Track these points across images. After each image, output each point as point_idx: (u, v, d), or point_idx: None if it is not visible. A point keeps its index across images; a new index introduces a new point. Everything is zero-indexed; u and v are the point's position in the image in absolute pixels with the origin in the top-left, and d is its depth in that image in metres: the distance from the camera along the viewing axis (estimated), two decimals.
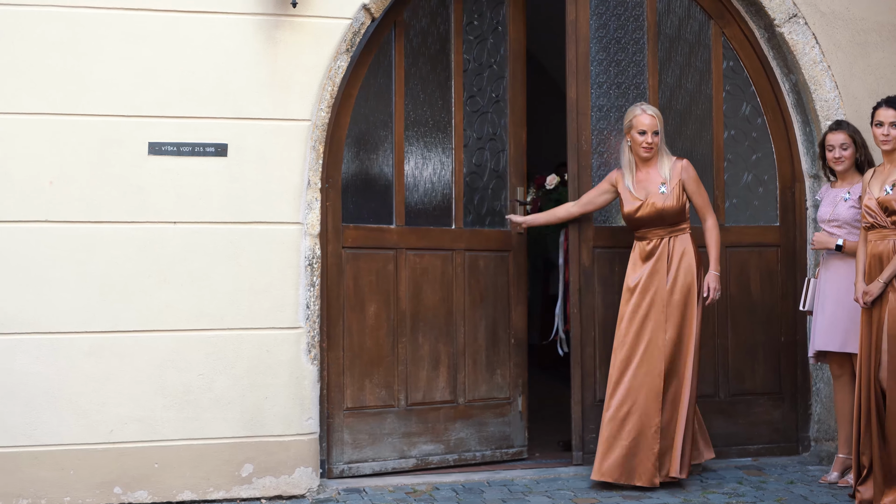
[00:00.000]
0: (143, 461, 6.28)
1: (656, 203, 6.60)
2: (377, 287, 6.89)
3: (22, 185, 6.14)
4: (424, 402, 7.03)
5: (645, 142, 6.60)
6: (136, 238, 6.28)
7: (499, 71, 7.30)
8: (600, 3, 7.16)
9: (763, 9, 7.14)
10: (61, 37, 6.20)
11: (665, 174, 6.64)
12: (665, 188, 6.61)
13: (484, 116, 7.29)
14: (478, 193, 7.26)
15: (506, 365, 7.29)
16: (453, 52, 7.15)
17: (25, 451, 6.15)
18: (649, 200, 6.61)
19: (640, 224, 6.67)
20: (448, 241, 7.09)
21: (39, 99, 6.17)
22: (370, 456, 6.87)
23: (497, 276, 7.25)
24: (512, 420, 7.30)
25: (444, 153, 7.17)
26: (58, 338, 6.19)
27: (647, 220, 6.64)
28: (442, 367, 7.08)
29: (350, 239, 6.79)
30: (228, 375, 6.38)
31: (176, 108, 6.34)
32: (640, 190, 6.67)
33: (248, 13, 6.42)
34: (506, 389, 7.28)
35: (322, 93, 6.50)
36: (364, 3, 6.56)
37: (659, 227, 6.64)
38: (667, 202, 6.59)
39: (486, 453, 7.21)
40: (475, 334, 7.17)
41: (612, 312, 7.03)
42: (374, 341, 6.89)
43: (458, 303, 7.11)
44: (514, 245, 7.30)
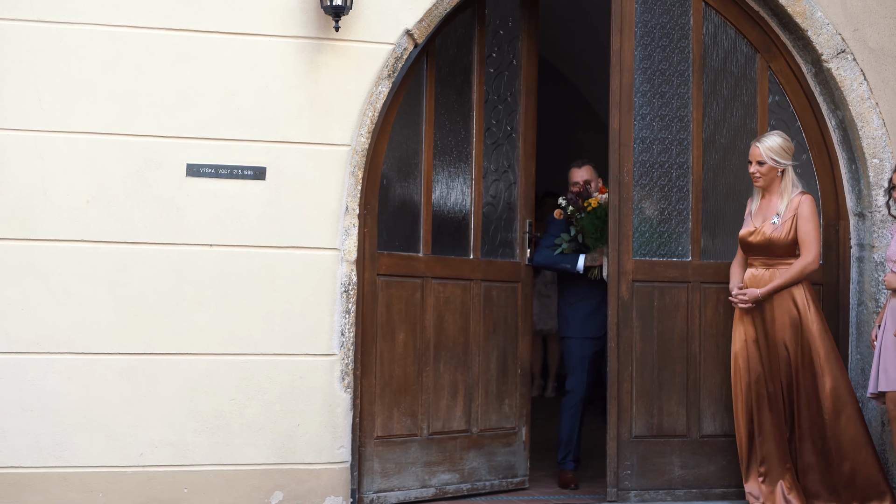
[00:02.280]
0: (173, 486, 6.25)
1: (766, 232, 6.64)
2: (406, 315, 6.87)
3: (60, 203, 6.15)
4: (444, 430, 7.03)
5: (750, 171, 6.71)
6: (171, 259, 6.27)
7: (513, 104, 7.38)
8: (645, 33, 7.11)
9: (811, 43, 7.06)
10: (106, 56, 6.22)
11: (781, 206, 6.66)
12: (777, 220, 6.64)
13: (499, 149, 7.36)
14: (493, 224, 7.32)
15: (513, 395, 7.34)
16: (475, 83, 7.20)
17: (55, 471, 6.13)
18: (762, 228, 6.66)
19: (751, 250, 6.73)
20: (467, 271, 7.12)
21: (82, 118, 6.19)
22: (396, 485, 6.83)
23: (507, 306, 7.31)
24: (517, 450, 7.36)
25: (464, 183, 7.20)
26: (91, 358, 6.18)
27: (757, 248, 6.68)
28: (459, 397, 7.09)
29: (384, 266, 6.76)
30: (261, 401, 6.34)
31: (215, 130, 6.33)
32: (758, 216, 6.75)
33: (290, 36, 6.41)
34: (512, 419, 7.34)
35: (363, 118, 6.48)
36: (407, 28, 6.53)
37: (767, 257, 6.66)
38: (775, 233, 6.62)
39: (495, 483, 7.25)
40: (488, 364, 7.21)
41: (650, 346, 6.98)
42: (402, 370, 6.86)
43: (475, 332, 7.15)
44: (523, 277, 7.42)
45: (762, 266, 6.68)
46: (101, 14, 6.19)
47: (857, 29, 7.08)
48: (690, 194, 7.13)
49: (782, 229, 6.62)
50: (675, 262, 7.10)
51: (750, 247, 6.72)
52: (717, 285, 7.03)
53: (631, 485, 6.93)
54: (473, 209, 7.17)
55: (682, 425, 7.05)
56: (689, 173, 7.13)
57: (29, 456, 6.10)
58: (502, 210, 7.36)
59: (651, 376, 7.02)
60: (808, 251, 6.62)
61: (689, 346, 7.07)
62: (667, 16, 7.13)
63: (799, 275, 6.60)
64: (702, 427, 7.06)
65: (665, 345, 7.05)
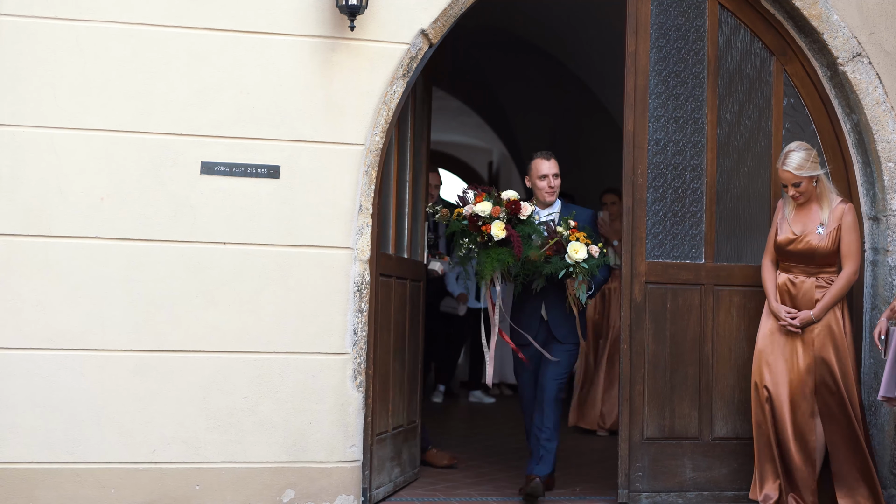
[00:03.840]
0: (185, 482, 6.26)
1: (811, 241, 6.63)
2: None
3: (75, 200, 6.18)
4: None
5: (790, 195, 6.69)
6: (185, 257, 6.29)
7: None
8: (661, 35, 7.10)
9: (826, 47, 7.04)
10: (122, 54, 6.25)
11: (824, 216, 6.66)
12: (822, 230, 6.63)
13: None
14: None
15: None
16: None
17: (67, 467, 6.16)
18: (805, 237, 6.64)
19: (789, 257, 6.70)
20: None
21: (98, 115, 6.22)
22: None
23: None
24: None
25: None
26: (104, 355, 6.20)
27: (798, 255, 6.67)
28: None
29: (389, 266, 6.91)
30: (273, 399, 6.35)
31: (230, 129, 6.35)
32: (797, 223, 6.71)
33: (305, 35, 6.42)
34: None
35: (377, 118, 6.48)
36: (423, 28, 6.54)
37: (809, 265, 6.66)
38: (821, 243, 6.62)
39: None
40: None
41: (662, 348, 6.98)
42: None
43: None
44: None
45: (802, 273, 6.67)
46: (118, 12, 6.22)
47: (873, 32, 7.06)
48: (704, 196, 7.11)
49: (827, 240, 6.61)
50: (688, 264, 7.07)
51: (789, 254, 6.68)
52: (730, 288, 7.02)
53: (642, 486, 6.92)
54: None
55: (694, 428, 7.03)
56: (703, 175, 7.11)
57: (42, 451, 6.12)
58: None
59: (663, 378, 7.00)
60: (852, 263, 6.63)
61: (702, 348, 7.05)
62: (682, 18, 7.12)
63: (846, 287, 6.61)
64: (714, 430, 7.04)
65: (677, 347, 7.03)
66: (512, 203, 6.92)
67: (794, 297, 6.66)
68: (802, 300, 6.64)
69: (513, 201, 6.92)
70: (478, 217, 6.84)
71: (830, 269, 6.65)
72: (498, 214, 6.84)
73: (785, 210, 6.77)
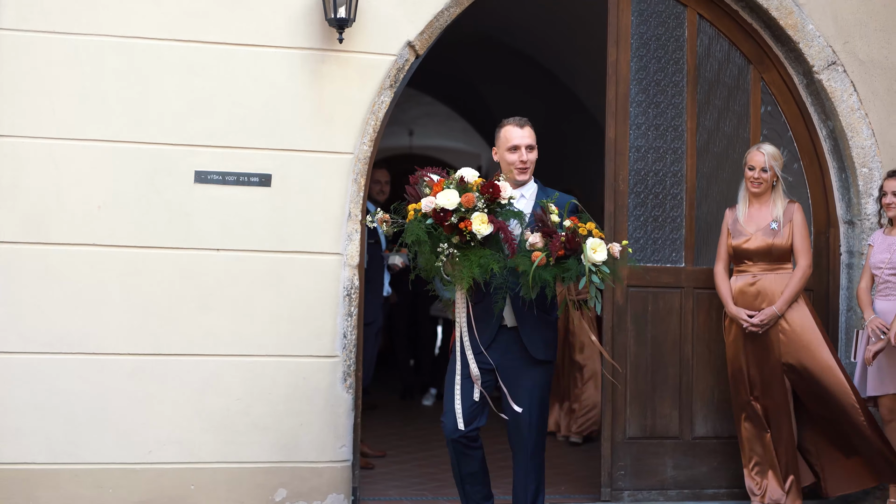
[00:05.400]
0: (180, 482, 6.40)
1: (766, 238, 6.78)
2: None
3: (73, 209, 6.32)
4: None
5: (752, 177, 6.80)
6: (180, 263, 6.43)
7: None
8: (641, 45, 7.26)
9: (802, 55, 7.21)
10: (118, 67, 6.39)
11: (777, 213, 6.81)
12: (776, 225, 6.78)
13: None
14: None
15: None
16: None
17: (66, 468, 6.29)
18: (759, 235, 6.79)
19: (747, 256, 6.83)
20: None
21: (95, 125, 6.36)
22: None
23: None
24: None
25: None
26: (102, 358, 6.34)
27: (756, 254, 6.80)
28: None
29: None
30: (265, 401, 6.50)
31: (223, 138, 6.49)
32: (750, 223, 6.85)
33: (295, 47, 6.57)
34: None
35: (365, 127, 6.63)
36: (409, 40, 6.70)
37: (767, 262, 6.80)
38: (777, 239, 6.76)
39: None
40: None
41: (643, 350, 7.13)
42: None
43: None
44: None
45: (761, 271, 6.79)
46: (114, 26, 6.37)
47: (847, 41, 7.24)
48: (684, 202, 7.28)
49: (783, 236, 6.76)
50: (668, 267, 7.24)
51: (747, 254, 6.82)
52: (709, 291, 7.15)
53: (625, 485, 7.08)
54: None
55: (675, 427, 7.19)
56: (683, 181, 7.28)
57: (41, 453, 6.26)
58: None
59: (645, 379, 7.16)
60: (805, 257, 6.78)
61: (682, 349, 7.22)
62: (662, 28, 7.29)
63: (804, 280, 6.75)
64: (694, 429, 7.20)
65: (658, 348, 7.19)
66: (489, 186, 5.22)
67: (757, 295, 6.77)
68: (767, 296, 6.75)
69: (489, 183, 5.23)
70: (446, 212, 5.16)
71: (787, 265, 6.80)
72: (473, 204, 5.18)
73: (738, 212, 6.90)
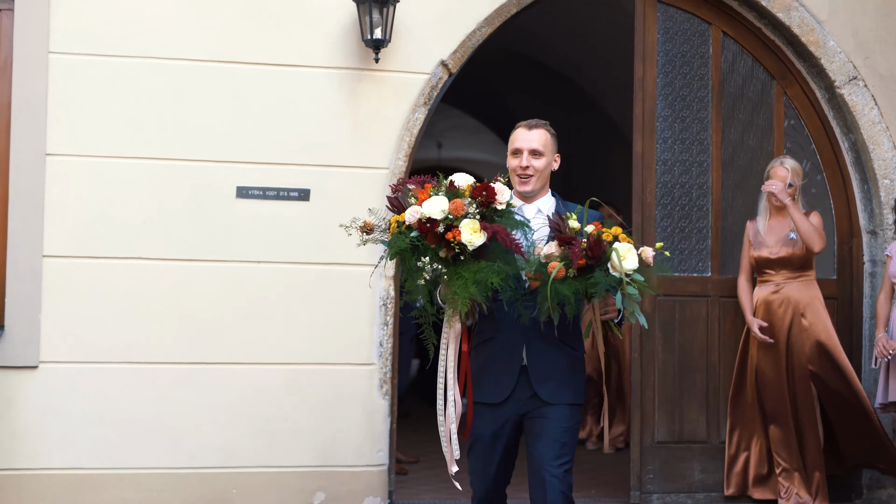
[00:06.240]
0: (223, 486, 6.61)
1: (786, 248, 6.97)
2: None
3: (121, 224, 6.55)
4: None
5: (776, 190, 6.94)
6: (223, 276, 6.65)
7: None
8: (667, 62, 7.44)
9: (824, 71, 7.38)
10: (163, 87, 6.63)
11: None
12: (794, 235, 6.96)
13: None
14: None
15: None
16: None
17: (113, 473, 6.52)
18: (779, 245, 6.98)
19: (770, 266, 7.02)
20: None
21: (140, 144, 6.59)
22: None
23: None
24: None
25: None
26: (148, 367, 6.57)
27: (778, 263, 6.99)
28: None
29: None
30: (304, 407, 6.70)
31: (263, 155, 6.71)
32: (771, 235, 7.04)
33: (333, 67, 6.79)
34: None
35: (400, 143, 6.85)
36: (442, 59, 6.91)
37: (789, 270, 6.98)
38: (795, 248, 6.95)
39: None
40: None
41: (671, 357, 7.30)
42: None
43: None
44: None
45: (784, 279, 6.97)
46: (160, 49, 6.62)
47: (867, 57, 7.40)
48: (710, 213, 7.45)
49: (802, 243, 6.93)
50: (695, 277, 7.40)
51: (768, 263, 7.00)
52: (735, 299, 7.28)
53: (653, 488, 7.25)
54: None
55: (703, 432, 7.34)
56: (708, 193, 7.45)
57: (89, 458, 6.49)
58: None
59: (672, 385, 7.32)
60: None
61: (709, 356, 7.37)
62: (687, 45, 7.47)
63: (813, 229, 6.85)
64: (721, 433, 7.34)
65: (686, 355, 7.35)
66: (482, 188, 4.41)
67: (781, 304, 6.96)
68: (791, 303, 6.94)
69: (483, 185, 4.43)
70: (432, 222, 4.37)
71: (809, 272, 7.00)
72: (462, 211, 4.36)
73: (759, 224, 7.09)
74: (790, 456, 6.94)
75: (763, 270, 7.04)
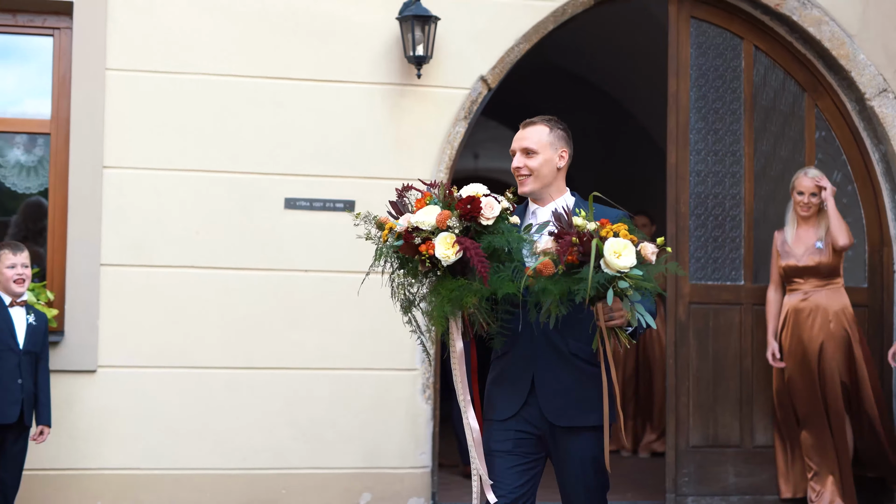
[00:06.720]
0: (272, 487, 6.83)
1: (814, 257, 7.13)
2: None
3: (174, 233, 6.80)
4: None
5: (801, 202, 7.17)
6: (271, 283, 6.88)
7: None
8: (700, 75, 7.62)
9: (854, 83, 7.53)
10: (213, 102, 6.88)
11: (821, 232, 7.16)
12: (821, 244, 7.13)
13: None
14: None
15: None
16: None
17: (167, 473, 6.75)
18: (809, 255, 7.14)
19: (799, 275, 7.17)
20: None
21: (193, 157, 6.85)
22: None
23: None
24: None
25: None
26: (200, 372, 6.81)
27: (806, 271, 7.15)
28: None
29: None
30: (350, 411, 6.92)
31: (310, 168, 6.95)
32: (798, 245, 7.20)
33: (376, 83, 7.03)
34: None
35: (441, 156, 7.06)
36: (482, 75, 7.13)
37: (818, 278, 7.14)
38: (822, 257, 7.11)
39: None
40: None
41: (705, 363, 7.46)
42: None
43: None
44: None
45: (813, 288, 7.12)
46: (211, 65, 6.88)
47: None
48: (743, 223, 7.61)
49: (827, 252, 7.10)
50: (728, 285, 7.57)
51: (797, 272, 7.16)
52: None
53: (688, 491, 7.41)
54: None
55: (736, 436, 7.51)
56: (741, 204, 7.62)
57: (145, 459, 6.74)
58: None
59: (707, 391, 7.49)
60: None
61: (742, 363, 7.53)
62: (720, 59, 7.65)
63: (843, 225, 7.07)
64: (754, 438, 7.51)
65: (719, 362, 7.51)
66: (465, 202, 4.04)
67: (810, 312, 7.11)
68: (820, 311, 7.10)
69: (467, 198, 4.04)
70: (417, 231, 4.08)
71: (836, 280, 7.16)
72: (446, 223, 4.02)
73: (786, 235, 7.25)
74: (822, 460, 7.08)
75: (792, 279, 7.20)
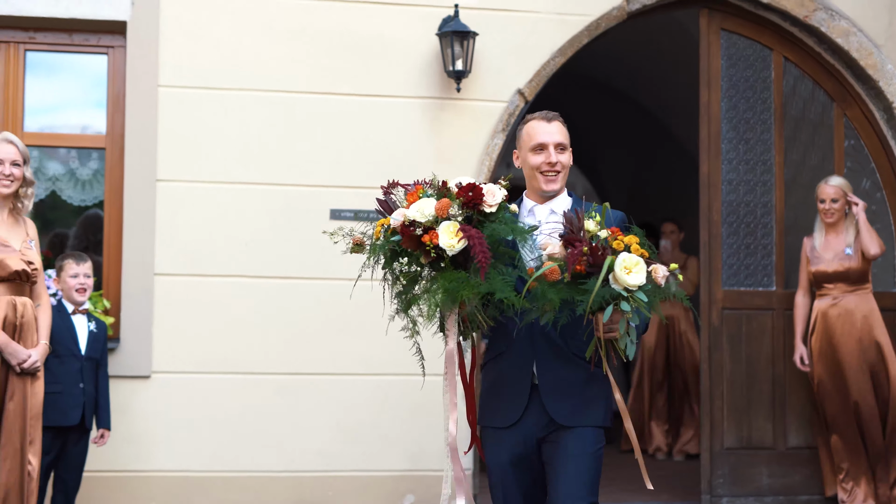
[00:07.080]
0: (319, 488, 7.03)
1: (843, 263, 7.28)
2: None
3: (224, 244, 7.03)
4: None
5: (824, 209, 7.33)
6: (317, 292, 7.09)
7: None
8: (731, 86, 7.80)
9: (882, 93, 7.69)
10: (263, 117, 7.11)
11: (850, 239, 7.32)
12: (850, 250, 7.28)
13: None
14: None
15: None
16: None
17: (218, 475, 6.97)
18: (838, 261, 7.29)
19: (828, 280, 7.33)
20: None
21: (242, 170, 7.08)
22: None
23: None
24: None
25: None
26: (248, 377, 7.02)
27: (835, 277, 7.30)
28: None
29: None
30: (394, 415, 7.11)
31: (354, 179, 7.15)
32: (827, 251, 7.35)
33: (417, 97, 7.24)
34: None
35: (480, 167, 7.26)
36: (519, 88, 7.34)
37: (847, 283, 7.28)
38: (851, 263, 7.27)
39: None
40: None
41: (739, 367, 7.62)
42: None
43: None
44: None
45: (842, 293, 7.27)
46: (257, 82, 7.11)
47: None
48: (774, 230, 7.79)
49: (856, 258, 7.26)
50: (760, 291, 7.73)
51: (826, 277, 7.32)
52: None
53: (723, 492, 7.57)
54: None
55: (769, 438, 7.67)
56: (772, 211, 7.79)
57: (196, 461, 6.96)
58: None
59: (740, 394, 7.65)
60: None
61: (775, 367, 7.69)
62: (750, 70, 7.83)
63: (871, 229, 7.24)
64: (787, 440, 7.67)
65: (752, 366, 7.67)
66: (467, 189, 3.95)
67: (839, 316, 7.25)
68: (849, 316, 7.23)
69: (468, 186, 3.95)
70: (415, 224, 3.98)
71: (865, 285, 7.30)
72: (447, 212, 3.91)
73: (815, 241, 7.40)
74: (853, 462, 7.23)
75: (821, 284, 7.35)
